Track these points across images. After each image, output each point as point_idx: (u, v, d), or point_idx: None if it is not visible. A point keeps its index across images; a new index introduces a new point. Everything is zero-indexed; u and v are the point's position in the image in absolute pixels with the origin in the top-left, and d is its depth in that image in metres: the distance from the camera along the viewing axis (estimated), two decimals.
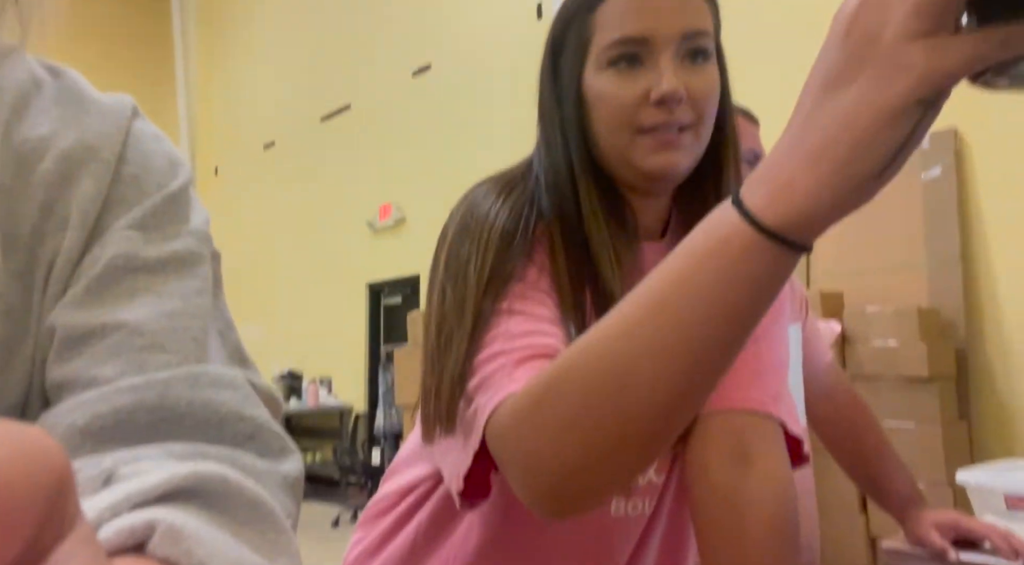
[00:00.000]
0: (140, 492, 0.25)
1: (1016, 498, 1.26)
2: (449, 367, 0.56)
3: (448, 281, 0.59)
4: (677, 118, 0.60)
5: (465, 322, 0.56)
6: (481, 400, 0.52)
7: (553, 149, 0.64)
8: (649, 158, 0.60)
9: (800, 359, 1.13)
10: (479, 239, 0.59)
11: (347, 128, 6.87)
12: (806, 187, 0.37)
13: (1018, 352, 2.71)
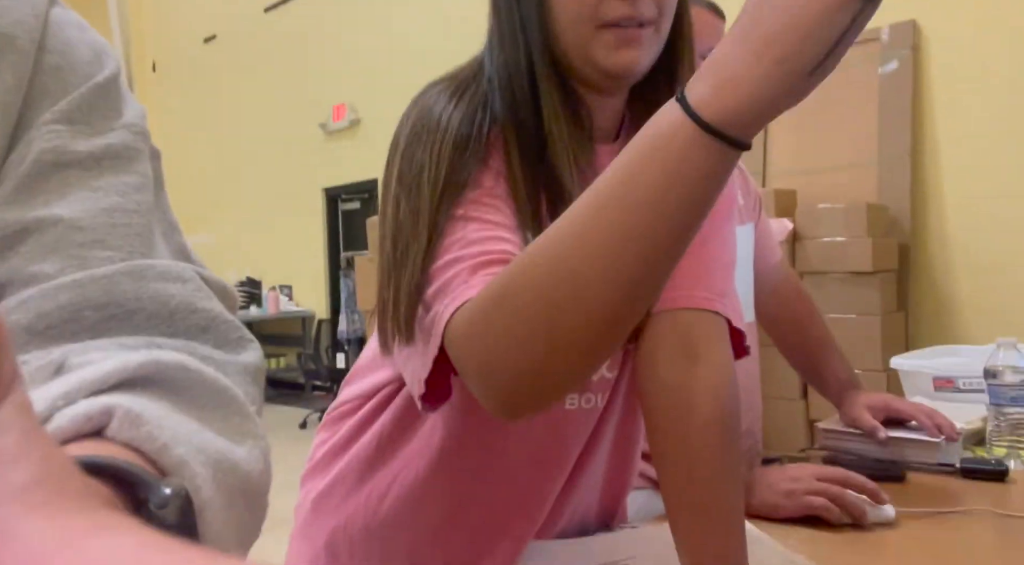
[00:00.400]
0: (94, 380, 0.24)
1: (942, 380, 1.36)
2: (406, 278, 0.56)
3: (402, 191, 0.58)
4: (640, 11, 0.58)
5: (420, 232, 0.55)
6: (439, 307, 0.52)
7: (508, 45, 0.62)
8: (611, 55, 0.59)
9: (751, 257, 1.17)
10: (432, 147, 0.58)
11: (294, 21, 6.46)
12: (748, 82, 0.38)
13: (958, 247, 2.84)
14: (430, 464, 0.66)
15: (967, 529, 0.82)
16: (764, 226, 1.23)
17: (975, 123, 2.79)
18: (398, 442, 0.69)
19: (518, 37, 0.61)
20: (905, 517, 0.84)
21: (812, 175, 3.02)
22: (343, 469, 0.72)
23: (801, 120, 3.07)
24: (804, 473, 0.85)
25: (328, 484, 0.73)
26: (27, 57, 0.35)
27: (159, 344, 0.30)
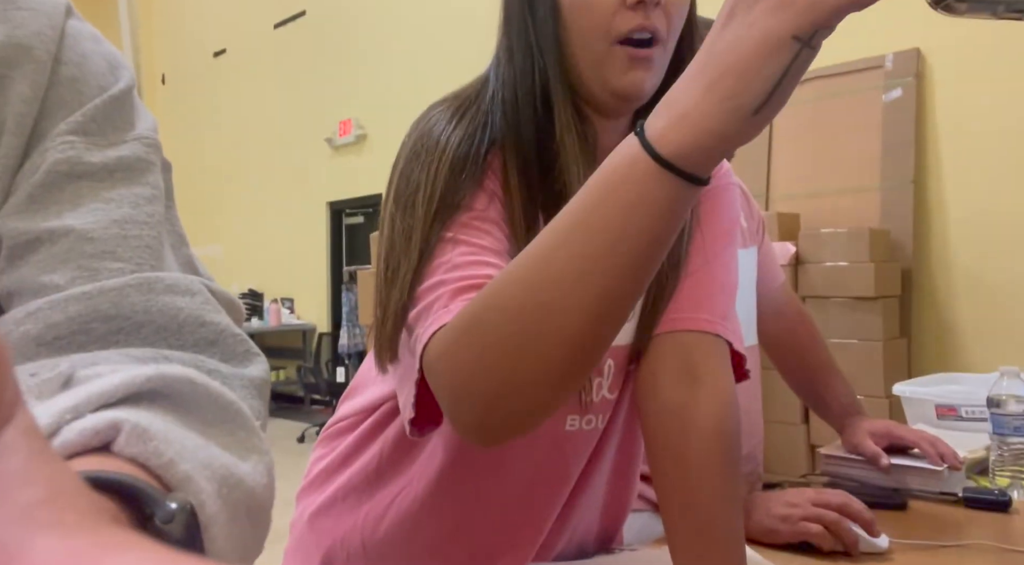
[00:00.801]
0: (102, 394, 0.24)
1: (945, 408, 1.36)
2: (394, 297, 0.56)
3: (397, 210, 0.58)
4: (652, 22, 0.58)
5: (411, 253, 0.55)
6: (419, 330, 0.52)
7: (519, 60, 0.61)
8: (624, 75, 0.59)
9: (754, 281, 1.17)
10: (429, 166, 0.58)
11: (302, 37, 6.53)
12: (697, 118, 0.39)
13: (960, 272, 2.83)
14: (429, 486, 0.66)
15: (968, 562, 0.81)
16: (767, 249, 1.23)
17: (978, 150, 2.80)
18: (398, 464, 0.68)
19: (531, 53, 0.61)
20: (904, 548, 0.83)
21: (815, 199, 3.03)
22: (341, 487, 0.71)
23: (805, 145, 3.09)
24: (801, 498, 0.84)
25: (325, 501, 0.72)
26: (44, 68, 0.36)
27: (167, 356, 0.30)
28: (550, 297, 0.42)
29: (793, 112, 3.15)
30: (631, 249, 0.41)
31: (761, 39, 0.37)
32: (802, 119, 3.11)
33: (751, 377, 1.15)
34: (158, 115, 7.31)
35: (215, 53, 7.51)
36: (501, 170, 0.60)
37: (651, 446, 0.62)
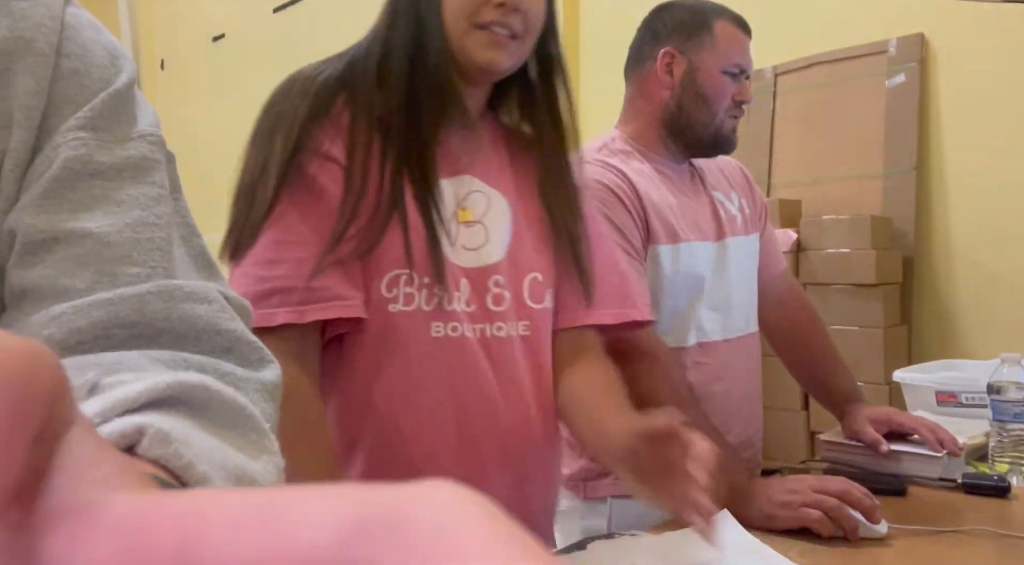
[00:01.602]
0: (126, 400, 0.26)
1: (945, 395, 1.36)
2: (253, 216, 0.70)
3: (257, 141, 0.73)
4: (510, 22, 0.72)
5: (268, 182, 0.70)
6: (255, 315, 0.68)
7: (402, 26, 0.74)
8: (480, 51, 0.72)
9: (755, 267, 1.16)
10: (290, 106, 0.72)
11: (303, 21, 6.48)
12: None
13: (963, 260, 2.83)
14: (360, 403, 0.74)
15: (967, 547, 0.81)
16: (769, 236, 1.23)
17: (981, 137, 2.79)
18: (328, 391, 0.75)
19: (411, 21, 0.74)
20: (904, 534, 0.83)
21: (817, 186, 3.02)
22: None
23: (806, 131, 3.08)
24: (802, 485, 0.85)
25: None
26: (46, 61, 0.36)
27: (186, 359, 0.32)
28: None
29: (795, 98, 3.13)
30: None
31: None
32: (804, 105, 3.10)
33: (751, 364, 1.16)
34: (157, 100, 7.30)
35: (214, 38, 7.46)
36: (351, 118, 0.73)
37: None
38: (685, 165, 1.13)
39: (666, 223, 1.02)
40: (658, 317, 1.01)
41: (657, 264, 1.01)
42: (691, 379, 0.99)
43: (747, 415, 1.10)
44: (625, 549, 0.78)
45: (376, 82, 0.73)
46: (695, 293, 1.04)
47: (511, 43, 0.73)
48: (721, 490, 0.77)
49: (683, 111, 1.05)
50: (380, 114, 0.72)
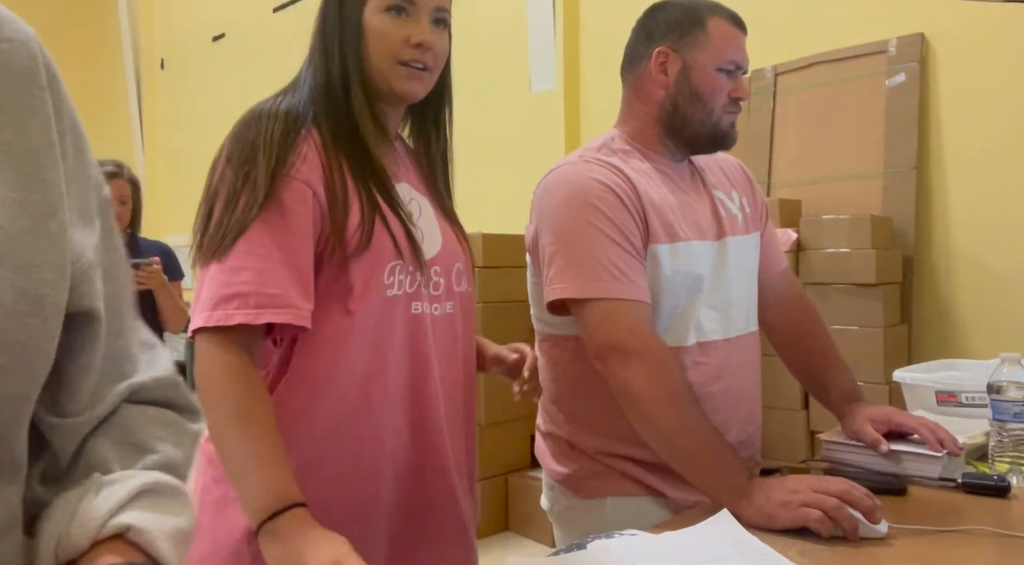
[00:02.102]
0: (120, 500, 0.45)
1: (945, 394, 1.36)
2: (235, 222, 0.80)
3: (232, 163, 0.82)
4: (425, 59, 0.89)
5: (257, 192, 0.80)
6: (199, 308, 0.79)
7: (331, 60, 0.89)
8: (402, 83, 0.89)
9: (756, 266, 1.16)
10: (264, 130, 0.83)
11: (302, 20, 6.47)
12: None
13: (963, 260, 2.83)
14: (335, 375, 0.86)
15: (967, 547, 0.81)
16: (770, 234, 1.23)
17: (981, 136, 2.78)
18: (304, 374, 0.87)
19: (338, 56, 0.89)
20: (904, 533, 0.83)
21: (817, 186, 3.02)
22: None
23: (807, 131, 3.07)
24: (802, 485, 0.85)
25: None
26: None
27: (169, 459, 0.51)
28: (228, 439, 0.78)
29: (795, 98, 3.13)
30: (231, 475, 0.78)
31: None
32: (804, 105, 3.10)
33: (751, 363, 1.16)
34: (158, 100, 7.28)
35: (214, 37, 7.46)
36: (320, 142, 0.86)
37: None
38: (685, 164, 1.13)
39: (665, 222, 1.02)
40: (658, 316, 1.01)
41: (656, 263, 1.01)
42: (690, 379, 0.99)
43: (746, 414, 1.10)
44: (625, 549, 0.78)
45: (327, 109, 0.88)
46: (694, 292, 1.04)
47: (425, 75, 0.90)
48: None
49: (679, 110, 1.05)
50: (336, 135, 0.87)
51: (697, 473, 0.92)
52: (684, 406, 0.91)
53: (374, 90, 0.90)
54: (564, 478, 1.08)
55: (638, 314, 0.96)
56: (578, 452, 1.07)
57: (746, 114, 3.40)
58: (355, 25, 0.89)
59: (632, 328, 0.94)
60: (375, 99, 0.90)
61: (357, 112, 0.88)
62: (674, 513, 1.01)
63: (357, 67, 0.89)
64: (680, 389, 0.93)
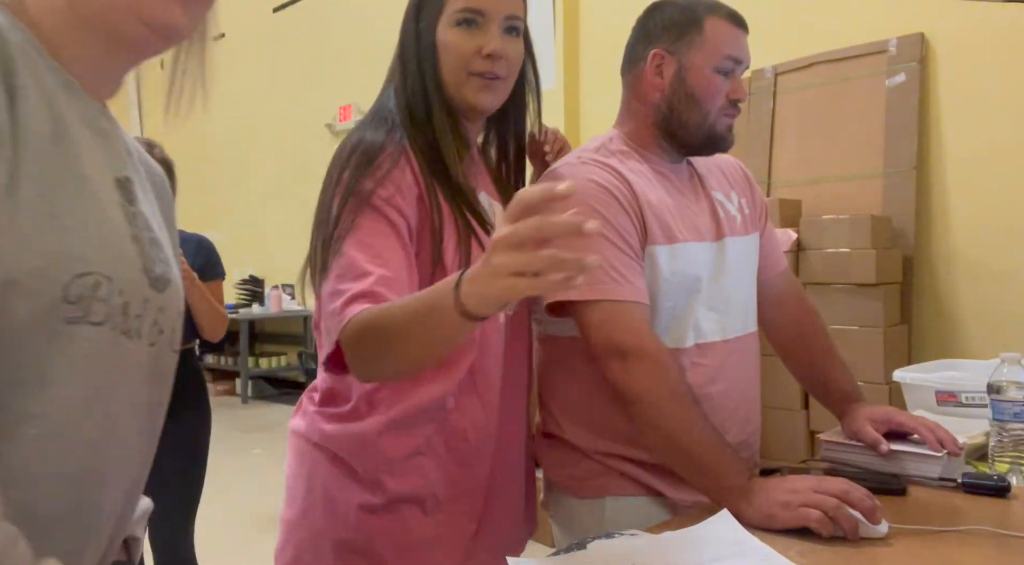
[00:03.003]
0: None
1: (945, 394, 1.36)
2: (322, 246, 0.88)
3: (328, 188, 0.92)
4: (495, 70, 0.91)
5: (346, 219, 0.87)
6: (332, 321, 0.83)
7: (413, 80, 0.93)
8: (475, 95, 0.92)
9: (755, 267, 1.16)
10: (347, 162, 0.90)
11: (302, 21, 6.49)
12: (477, 288, 0.65)
13: (962, 260, 2.83)
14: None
15: (967, 547, 0.81)
16: (770, 235, 1.23)
17: (981, 136, 2.78)
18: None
19: (418, 75, 0.93)
20: (904, 533, 0.83)
21: (817, 186, 3.02)
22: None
23: (807, 130, 3.07)
24: (802, 485, 0.85)
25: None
26: None
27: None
28: (390, 341, 0.79)
29: (795, 98, 3.13)
30: (431, 343, 0.77)
31: (483, 294, 0.65)
32: (804, 105, 3.10)
33: (749, 365, 1.16)
34: (156, 100, 7.22)
35: (214, 38, 7.46)
36: (417, 167, 0.90)
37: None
38: (683, 165, 1.12)
39: (663, 223, 1.02)
40: (656, 318, 1.01)
41: (654, 265, 1.01)
42: (689, 380, 0.99)
43: (745, 416, 1.10)
44: (625, 549, 0.78)
45: (414, 132, 0.92)
46: (692, 294, 1.03)
47: (497, 84, 0.93)
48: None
49: (674, 112, 1.04)
50: (429, 158, 0.91)
51: (697, 473, 0.92)
52: (684, 406, 0.91)
53: (454, 106, 0.93)
54: (563, 478, 1.08)
55: (637, 315, 0.96)
56: (577, 452, 1.07)
57: (746, 114, 3.40)
58: (430, 43, 0.92)
59: (631, 329, 0.94)
60: (457, 115, 0.94)
61: (438, 130, 0.91)
62: (673, 513, 1.01)
63: (435, 85, 0.92)
64: (680, 389, 0.93)
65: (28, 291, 0.46)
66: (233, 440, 4.67)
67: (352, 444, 0.93)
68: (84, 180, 0.51)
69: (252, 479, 3.67)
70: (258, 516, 3.25)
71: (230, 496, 3.32)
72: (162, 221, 0.62)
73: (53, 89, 0.52)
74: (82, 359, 0.49)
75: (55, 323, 0.47)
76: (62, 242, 0.48)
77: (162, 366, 0.58)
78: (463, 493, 0.95)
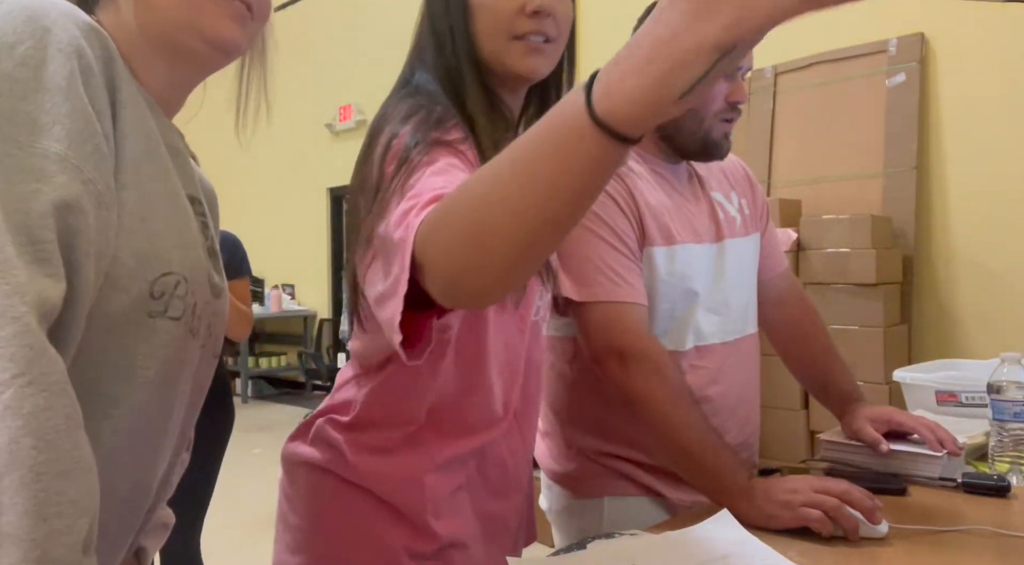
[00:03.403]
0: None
1: (945, 394, 1.36)
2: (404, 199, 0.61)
3: (365, 166, 0.72)
4: (545, 29, 0.75)
5: (416, 164, 0.64)
6: (401, 228, 0.57)
7: (445, 49, 0.77)
8: (520, 61, 0.76)
9: (755, 267, 1.16)
10: (387, 135, 0.70)
11: (301, 21, 6.48)
12: (631, 90, 0.41)
13: (963, 259, 2.83)
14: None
15: (967, 547, 0.81)
16: (771, 235, 1.23)
17: (981, 136, 2.79)
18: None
19: (447, 44, 0.77)
20: (904, 533, 0.83)
21: (817, 185, 3.02)
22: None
23: (807, 130, 3.07)
24: (803, 485, 0.85)
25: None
26: None
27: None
28: (499, 211, 0.47)
29: (796, 97, 3.13)
30: (558, 195, 0.46)
31: (686, 45, 0.40)
32: (805, 104, 3.10)
33: (749, 366, 1.15)
34: None
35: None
36: (459, 126, 0.72)
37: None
38: (683, 166, 1.12)
39: (661, 225, 1.02)
40: (654, 320, 1.01)
41: (652, 266, 1.01)
42: (688, 382, 0.99)
43: (744, 417, 1.10)
44: (625, 549, 0.78)
45: (459, 104, 0.76)
46: (691, 296, 1.03)
47: (547, 47, 0.77)
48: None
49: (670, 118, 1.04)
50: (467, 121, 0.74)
51: (697, 474, 0.92)
52: (684, 407, 0.91)
53: (490, 76, 0.78)
54: (562, 478, 1.08)
55: (636, 317, 0.96)
56: (576, 452, 1.07)
57: (746, 114, 3.40)
58: (460, 4, 0.77)
59: (630, 331, 0.94)
60: (493, 87, 0.78)
61: (471, 107, 0.75)
62: (672, 513, 1.01)
63: (468, 54, 0.76)
64: (680, 390, 0.93)
65: (123, 286, 0.51)
66: (233, 440, 4.66)
67: (395, 481, 0.79)
68: (170, 192, 0.57)
69: (252, 479, 3.67)
70: (258, 516, 3.25)
71: (230, 496, 3.32)
72: (214, 234, 0.68)
73: (143, 107, 0.57)
74: (159, 348, 0.54)
75: (141, 315, 0.53)
76: (152, 243, 0.53)
77: (204, 369, 0.63)
78: (500, 529, 0.86)
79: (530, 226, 0.47)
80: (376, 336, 0.77)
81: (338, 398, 0.84)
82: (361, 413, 0.80)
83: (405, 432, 0.79)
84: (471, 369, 0.79)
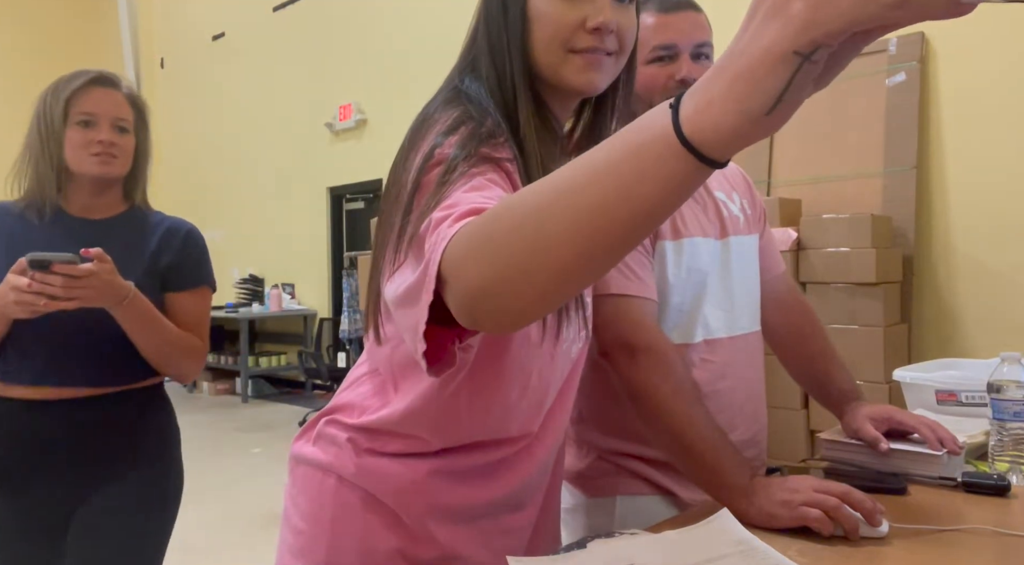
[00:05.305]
0: None
1: (945, 393, 1.36)
2: (410, 228, 0.61)
3: (398, 176, 0.68)
4: (606, 45, 0.73)
5: (439, 191, 0.60)
6: (436, 234, 0.54)
7: (499, 58, 0.74)
8: (578, 75, 0.73)
9: (757, 268, 1.16)
10: (426, 141, 0.67)
11: (302, 20, 6.48)
12: (717, 112, 0.40)
13: (962, 259, 2.83)
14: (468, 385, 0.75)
15: (967, 546, 0.81)
16: (769, 237, 1.23)
17: (981, 135, 2.79)
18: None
19: (502, 53, 0.74)
20: (904, 533, 0.83)
21: (817, 185, 3.02)
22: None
23: (807, 130, 3.07)
24: (803, 484, 0.85)
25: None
26: None
27: None
28: (553, 225, 0.44)
29: None
30: (632, 212, 0.43)
31: (764, 52, 0.38)
32: (804, 104, 3.09)
33: (755, 362, 1.15)
34: (157, 100, 7.32)
35: (214, 37, 7.45)
36: (508, 143, 0.69)
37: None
38: None
39: (670, 219, 1.02)
40: (665, 313, 1.01)
41: (662, 260, 1.01)
42: (697, 376, 0.99)
43: (751, 413, 1.10)
44: (624, 548, 0.78)
45: (508, 116, 0.72)
46: (699, 289, 1.04)
47: (607, 61, 0.74)
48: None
49: (636, 113, 1.04)
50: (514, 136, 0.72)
51: (698, 470, 0.92)
52: (688, 403, 0.91)
53: (543, 86, 0.75)
54: (573, 477, 1.08)
55: (645, 311, 0.96)
56: (587, 451, 1.07)
57: None
58: (519, 14, 0.74)
59: (639, 324, 0.94)
60: (544, 98, 0.76)
61: (521, 121, 0.72)
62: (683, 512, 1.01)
63: (523, 65, 0.74)
64: (685, 386, 0.93)
65: None
66: (233, 440, 4.68)
67: (397, 485, 0.77)
68: None
69: (252, 479, 3.67)
70: (258, 515, 3.25)
71: (230, 495, 3.32)
72: None
73: None
74: None
75: None
76: None
77: None
78: (510, 542, 0.84)
79: (585, 242, 0.44)
80: (394, 347, 0.75)
81: (345, 398, 0.82)
82: (369, 417, 0.79)
83: (411, 439, 0.78)
84: (484, 389, 0.76)
